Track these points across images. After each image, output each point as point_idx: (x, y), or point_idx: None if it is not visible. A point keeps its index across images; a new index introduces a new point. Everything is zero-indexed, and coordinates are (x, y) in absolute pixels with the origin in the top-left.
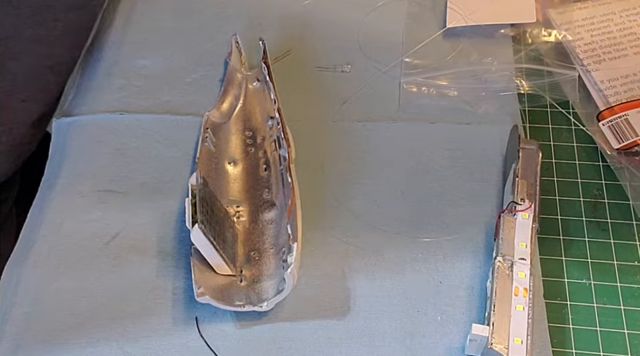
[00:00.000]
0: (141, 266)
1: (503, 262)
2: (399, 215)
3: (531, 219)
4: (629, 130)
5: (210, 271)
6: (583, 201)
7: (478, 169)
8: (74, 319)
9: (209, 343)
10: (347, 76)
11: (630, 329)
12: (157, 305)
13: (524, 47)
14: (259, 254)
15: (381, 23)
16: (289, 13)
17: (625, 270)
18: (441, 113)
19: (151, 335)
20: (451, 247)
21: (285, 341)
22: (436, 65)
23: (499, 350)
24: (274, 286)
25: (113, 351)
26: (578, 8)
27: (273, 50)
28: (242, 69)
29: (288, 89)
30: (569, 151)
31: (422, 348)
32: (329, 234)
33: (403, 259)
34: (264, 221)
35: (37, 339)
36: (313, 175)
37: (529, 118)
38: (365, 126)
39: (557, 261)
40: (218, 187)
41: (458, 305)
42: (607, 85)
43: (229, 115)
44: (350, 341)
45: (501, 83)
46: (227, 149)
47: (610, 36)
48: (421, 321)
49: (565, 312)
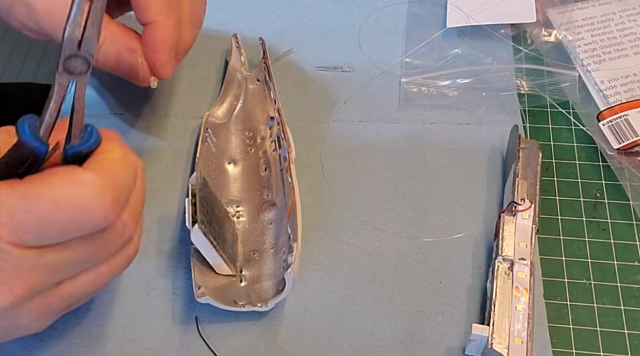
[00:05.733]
0: (141, 266)
1: (503, 262)
2: (398, 215)
3: (531, 219)
4: (629, 130)
5: (210, 271)
6: (583, 201)
7: (478, 169)
8: (74, 318)
9: (208, 342)
10: (347, 76)
11: (630, 329)
12: (157, 305)
13: (524, 47)
14: (259, 254)
15: (381, 23)
16: (289, 13)
17: (625, 270)
18: (441, 113)
19: (151, 335)
20: (451, 246)
21: (284, 341)
22: (436, 65)
23: (499, 350)
24: (274, 286)
25: (113, 351)
26: (578, 8)
27: (272, 50)
28: (242, 68)
29: (288, 89)
30: (569, 150)
31: (422, 348)
32: (329, 234)
33: (403, 259)
34: (264, 221)
35: (37, 338)
36: (313, 174)
37: (529, 118)
38: (365, 126)
39: (557, 260)
40: (218, 187)
41: (458, 304)
42: (607, 85)
43: (229, 115)
44: (350, 341)
45: (501, 82)
46: (227, 149)
47: (610, 36)
48: (420, 321)
49: (564, 312)
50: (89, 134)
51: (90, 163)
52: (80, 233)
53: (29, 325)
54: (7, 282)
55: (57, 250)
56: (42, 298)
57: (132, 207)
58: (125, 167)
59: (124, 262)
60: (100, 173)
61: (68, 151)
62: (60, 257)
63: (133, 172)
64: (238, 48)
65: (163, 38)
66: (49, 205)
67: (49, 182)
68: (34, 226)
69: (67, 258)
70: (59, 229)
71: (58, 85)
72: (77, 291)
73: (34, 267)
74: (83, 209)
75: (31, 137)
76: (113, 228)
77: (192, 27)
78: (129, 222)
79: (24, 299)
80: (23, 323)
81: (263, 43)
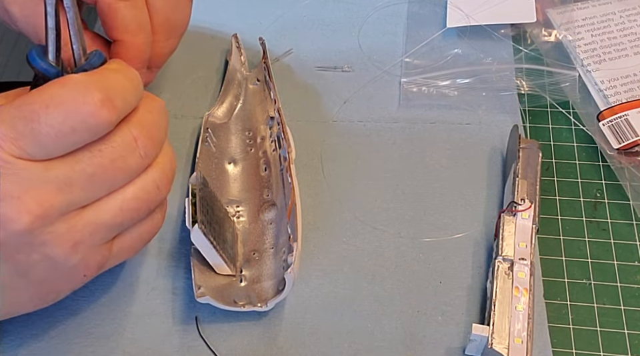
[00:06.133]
0: (141, 266)
1: (503, 262)
2: (399, 215)
3: (531, 219)
4: (629, 130)
5: (210, 271)
6: (582, 201)
7: (478, 168)
8: (74, 318)
9: (208, 343)
10: (347, 76)
11: (630, 329)
12: (157, 305)
13: (524, 47)
14: (259, 254)
15: (381, 23)
16: (289, 13)
17: (625, 270)
18: (441, 113)
19: (151, 335)
20: (451, 246)
21: (285, 340)
22: (436, 65)
23: (499, 350)
24: (274, 286)
25: (113, 351)
26: (578, 8)
27: (272, 50)
28: (242, 68)
29: (288, 89)
30: (569, 150)
31: (422, 348)
32: (329, 234)
33: (403, 259)
34: (264, 221)
35: (37, 338)
36: (313, 174)
37: (529, 118)
38: (365, 126)
39: (557, 260)
40: (218, 187)
41: (458, 304)
42: (607, 85)
43: (229, 115)
44: (350, 341)
45: (501, 82)
46: (227, 149)
47: (610, 36)
48: (420, 321)
49: (564, 312)
50: (93, 55)
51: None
52: (77, 137)
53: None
54: (20, 198)
55: (64, 162)
56: (65, 223)
57: (143, 125)
58: (121, 74)
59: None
60: (91, 76)
61: (75, 72)
62: (68, 170)
63: (130, 81)
64: (238, 48)
65: (131, 56)
66: (39, 108)
67: (40, 90)
68: (30, 133)
69: (78, 171)
70: (55, 134)
71: (49, 9)
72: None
73: (44, 182)
74: (71, 107)
75: (39, 61)
76: (120, 138)
77: (167, 37)
78: (142, 138)
79: (41, 218)
80: (57, 255)
81: (262, 43)
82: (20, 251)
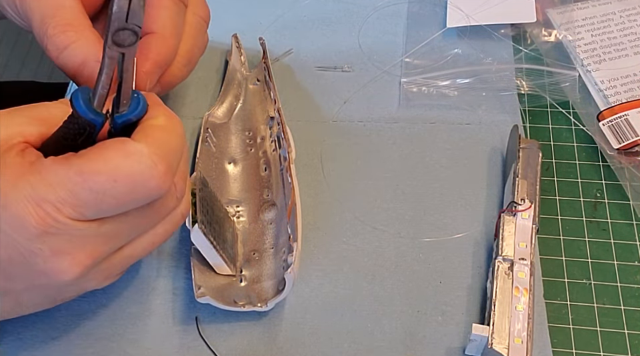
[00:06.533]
0: (141, 266)
1: (503, 262)
2: (399, 215)
3: (531, 219)
4: (629, 130)
5: (210, 271)
6: (582, 200)
7: (478, 168)
8: (74, 319)
9: (208, 343)
10: (347, 76)
11: (630, 329)
12: (157, 305)
13: (524, 47)
14: (259, 254)
15: (381, 23)
16: (289, 13)
17: (625, 270)
18: (441, 113)
19: (151, 335)
20: (451, 246)
21: (285, 340)
22: (436, 65)
23: (499, 350)
24: (274, 286)
25: (113, 351)
26: (578, 8)
27: (272, 50)
28: (242, 68)
29: (288, 89)
30: (569, 150)
31: (422, 348)
32: (329, 234)
33: (403, 259)
34: (264, 221)
35: (37, 339)
36: (313, 174)
37: (529, 118)
38: (365, 126)
39: (557, 260)
40: (218, 186)
41: (458, 304)
42: (607, 85)
43: (229, 115)
44: (350, 341)
45: (501, 82)
46: (227, 149)
47: (610, 36)
48: (420, 321)
49: (564, 312)
50: (136, 101)
51: (139, 133)
52: (137, 203)
53: (94, 286)
54: (72, 254)
55: (116, 220)
56: (106, 263)
57: (180, 170)
58: (172, 132)
59: (179, 219)
60: (151, 144)
61: (117, 119)
62: (119, 226)
63: (181, 137)
64: (238, 48)
65: (157, 49)
66: (106, 180)
67: (103, 157)
68: (93, 201)
69: (126, 226)
70: (117, 202)
71: (108, 58)
72: (136, 253)
73: (96, 237)
74: (139, 181)
75: (87, 110)
76: (167, 193)
77: (186, 64)
78: (180, 183)
79: (90, 268)
80: (89, 286)
81: (262, 43)
82: (62, 293)
